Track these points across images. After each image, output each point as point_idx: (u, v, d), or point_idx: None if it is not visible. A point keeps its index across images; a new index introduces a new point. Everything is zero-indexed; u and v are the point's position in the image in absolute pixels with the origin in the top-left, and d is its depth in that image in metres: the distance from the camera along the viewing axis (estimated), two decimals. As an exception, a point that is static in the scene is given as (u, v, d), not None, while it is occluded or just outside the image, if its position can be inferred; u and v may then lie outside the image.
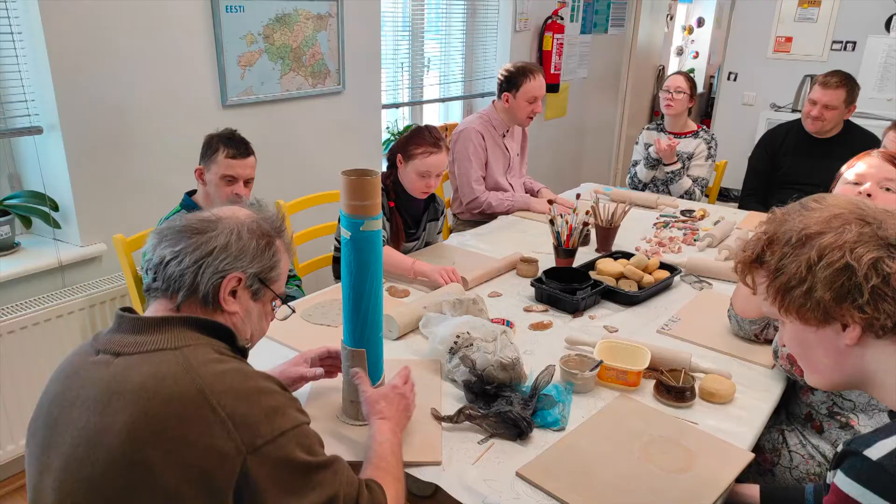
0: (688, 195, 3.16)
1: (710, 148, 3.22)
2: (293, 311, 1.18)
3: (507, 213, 2.84)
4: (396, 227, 2.26)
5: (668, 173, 3.18)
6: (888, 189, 1.57)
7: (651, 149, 3.20)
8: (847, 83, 2.93)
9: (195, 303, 0.99)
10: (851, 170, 1.67)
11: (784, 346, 1.44)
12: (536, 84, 2.78)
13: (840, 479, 0.82)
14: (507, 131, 2.96)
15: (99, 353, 0.95)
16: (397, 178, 2.24)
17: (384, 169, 2.36)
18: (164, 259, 0.98)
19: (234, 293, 1.01)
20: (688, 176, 3.19)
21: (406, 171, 2.20)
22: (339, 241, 2.36)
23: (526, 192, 3.06)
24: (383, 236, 2.18)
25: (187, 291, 0.97)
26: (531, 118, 2.88)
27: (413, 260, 2.07)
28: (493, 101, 2.93)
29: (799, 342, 0.96)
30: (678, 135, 3.26)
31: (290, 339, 1.64)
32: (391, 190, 2.26)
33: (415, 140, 2.18)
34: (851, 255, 0.86)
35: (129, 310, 1.01)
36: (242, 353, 1.05)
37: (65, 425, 0.90)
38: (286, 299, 1.95)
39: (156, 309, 1.00)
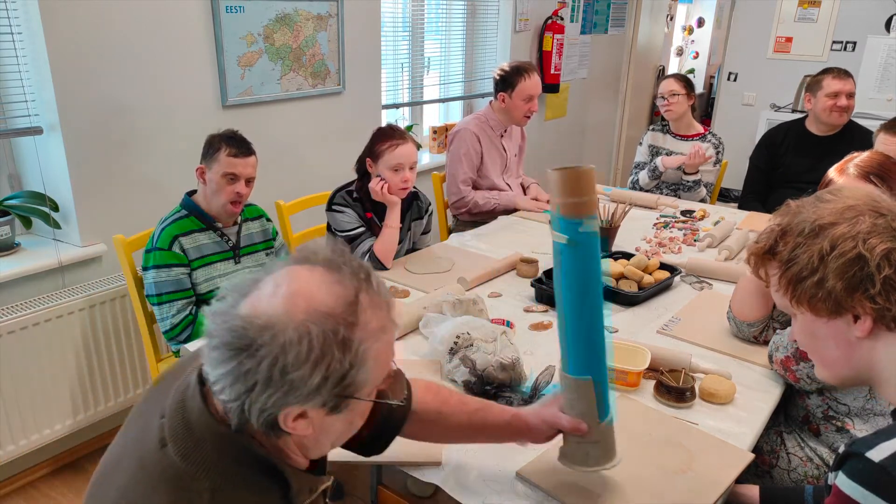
0: (701, 202, 3.16)
1: (718, 153, 3.20)
2: (403, 401, 0.94)
3: (493, 211, 2.85)
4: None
5: (687, 181, 3.16)
6: None
7: (658, 160, 3.17)
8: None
9: (253, 426, 0.79)
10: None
11: (794, 341, 1.45)
12: (532, 83, 2.78)
13: (842, 481, 0.82)
14: (505, 131, 2.96)
15: (164, 446, 0.79)
16: (367, 187, 2.21)
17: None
18: (209, 378, 0.78)
19: (303, 414, 0.78)
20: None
21: (379, 172, 2.19)
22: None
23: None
24: (371, 246, 2.18)
25: (239, 421, 0.78)
26: (528, 117, 2.88)
27: None
28: (490, 102, 2.93)
29: (810, 334, 0.96)
30: (684, 137, 3.24)
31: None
32: (365, 200, 2.26)
33: (379, 139, 2.19)
34: (864, 245, 0.87)
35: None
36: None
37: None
38: None
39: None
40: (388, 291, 0.83)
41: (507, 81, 2.79)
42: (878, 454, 0.79)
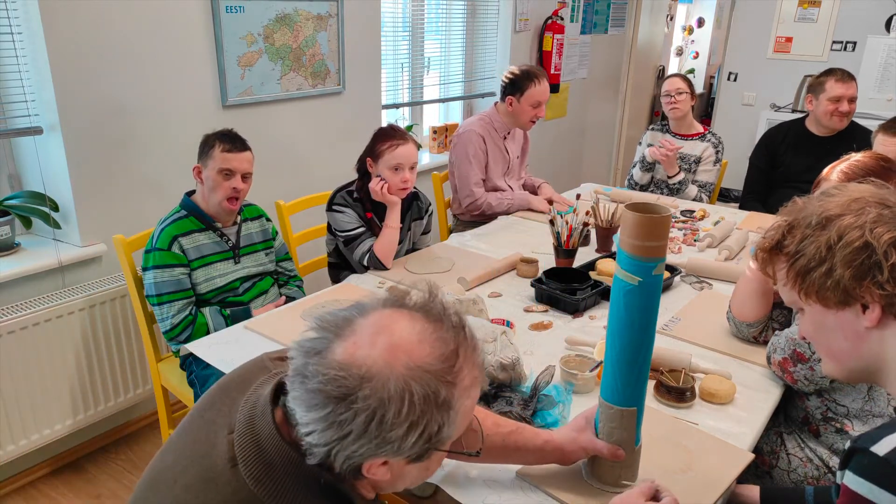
0: (696, 201, 3.15)
1: (717, 152, 3.20)
2: (476, 452, 0.93)
3: (506, 212, 2.84)
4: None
5: (672, 184, 3.16)
6: None
7: (646, 151, 3.18)
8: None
9: (332, 467, 0.79)
10: None
11: (792, 341, 1.45)
12: (541, 89, 2.78)
13: (849, 479, 0.81)
14: (509, 133, 2.96)
15: (234, 466, 0.79)
16: (367, 187, 2.21)
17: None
18: (294, 415, 0.78)
19: (385, 463, 0.79)
20: (694, 182, 3.18)
21: (379, 172, 2.19)
22: (329, 246, 2.36)
23: (526, 189, 3.06)
24: (371, 246, 2.18)
25: (321, 462, 0.77)
26: (534, 122, 2.88)
27: None
28: (496, 104, 2.92)
29: (818, 326, 0.96)
30: (684, 136, 3.24)
31: (287, 337, 1.64)
32: (365, 200, 2.26)
33: (379, 138, 2.20)
34: (871, 234, 0.88)
35: (282, 390, 0.83)
36: None
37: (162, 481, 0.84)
38: (288, 299, 1.87)
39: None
40: (479, 343, 0.83)
41: (516, 85, 2.78)
42: (882, 448, 0.79)
